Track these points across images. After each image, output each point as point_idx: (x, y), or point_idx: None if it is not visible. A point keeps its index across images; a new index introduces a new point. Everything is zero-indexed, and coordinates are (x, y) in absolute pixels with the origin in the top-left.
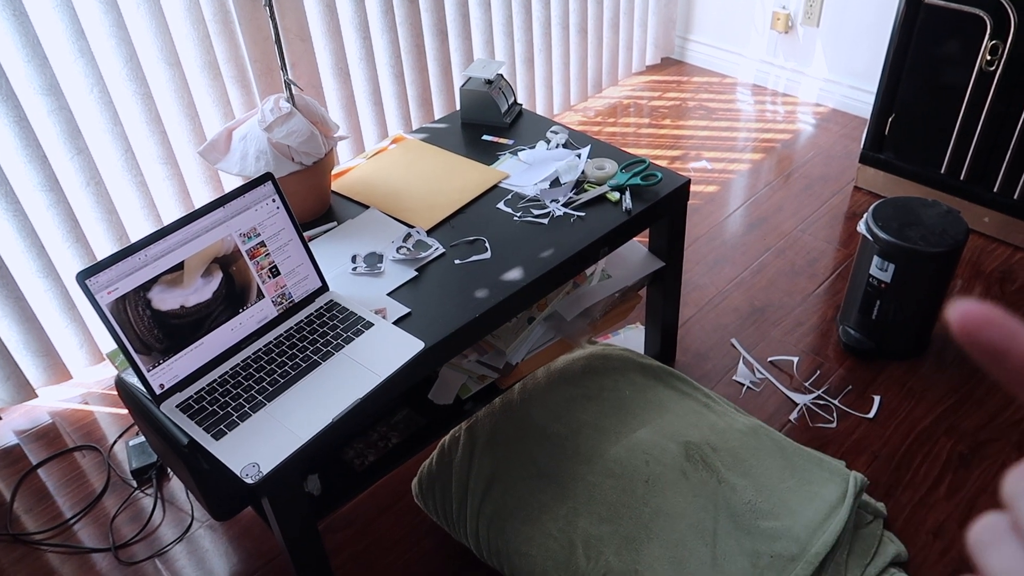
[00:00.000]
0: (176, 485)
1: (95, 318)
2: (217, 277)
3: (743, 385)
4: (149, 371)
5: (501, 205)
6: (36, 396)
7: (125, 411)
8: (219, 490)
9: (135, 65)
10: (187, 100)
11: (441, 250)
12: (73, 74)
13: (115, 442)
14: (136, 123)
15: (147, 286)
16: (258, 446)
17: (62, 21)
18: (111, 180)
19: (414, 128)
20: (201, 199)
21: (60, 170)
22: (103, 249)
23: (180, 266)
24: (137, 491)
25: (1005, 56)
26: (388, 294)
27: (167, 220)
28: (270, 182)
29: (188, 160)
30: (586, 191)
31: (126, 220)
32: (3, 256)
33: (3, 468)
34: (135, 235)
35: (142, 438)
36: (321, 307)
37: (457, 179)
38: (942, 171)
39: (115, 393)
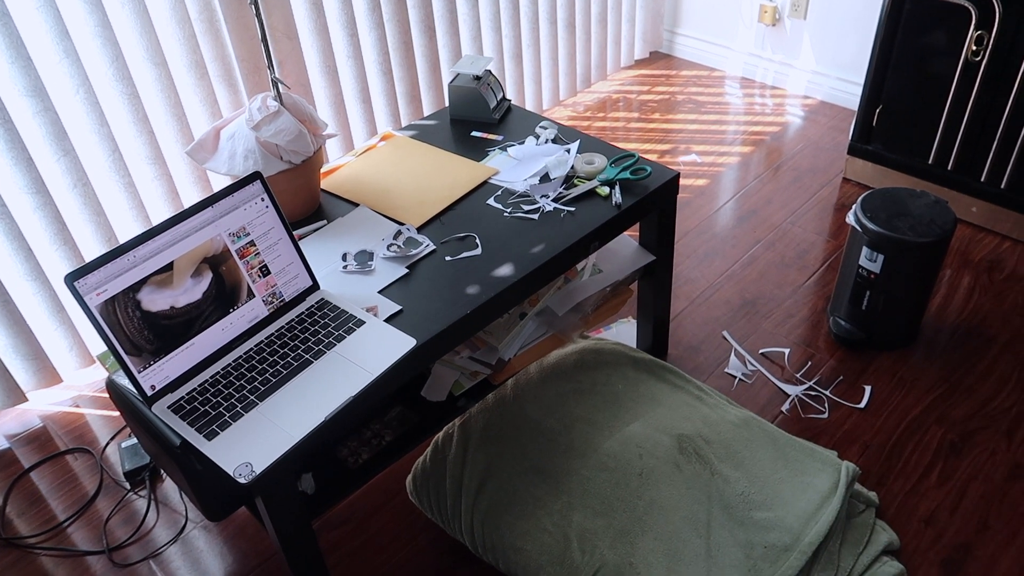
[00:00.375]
0: (169, 486)
1: (84, 320)
2: (207, 277)
3: (735, 377)
4: (140, 372)
5: (491, 201)
6: (26, 400)
7: (116, 413)
8: (212, 490)
9: (121, 65)
10: (174, 100)
11: (432, 247)
12: (58, 75)
13: (107, 444)
14: (123, 124)
15: (136, 287)
16: (251, 446)
17: (46, 22)
18: (98, 181)
19: (403, 125)
20: (189, 199)
21: (47, 172)
22: (91, 251)
23: (170, 267)
24: (130, 493)
25: (990, 46)
26: (379, 292)
27: (156, 221)
28: (259, 181)
29: (176, 160)
30: (576, 186)
31: (114, 221)
32: None
33: None
34: (123, 236)
35: (134, 440)
36: (312, 306)
37: (447, 176)
38: (930, 161)
39: (106, 395)
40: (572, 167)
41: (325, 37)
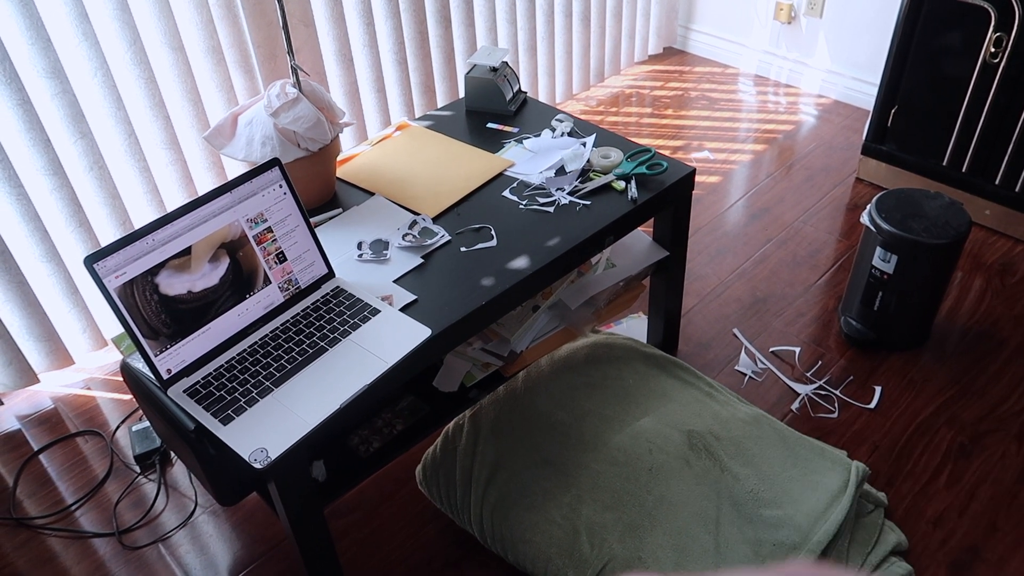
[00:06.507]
0: (179, 471)
1: (98, 303)
2: (224, 262)
3: (745, 375)
4: (156, 356)
5: (507, 193)
6: (38, 381)
7: (128, 396)
8: (225, 475)
9: (139, 49)
10: (190, 85)
11: (447, 237)
12: (76, 57)
13: (118, 427)
14: (139, 108)
15: (155, 271)
16: (266, 431)
17: (65, 4)
18: (114, 165)
19: (417, 115)
20: (204, 185)
21: (63, 154)
22: (106, 234)
23: (188, 251)
24: (140, 477)
25: (1009, 48)
26: (394, 281)
27: (170, 206)
28: (277, 168)
29: (191, 146)
30: (591, 180)
31: (129, 205)
32: (6, 240)
33: (5, 453)
34: (138, 220)
35: (145, 423)
36: (327, 293)
37: (462, 167)
38: (944, 163)
39: (118, 378)
40: (588, 161)
41: (341, 25)
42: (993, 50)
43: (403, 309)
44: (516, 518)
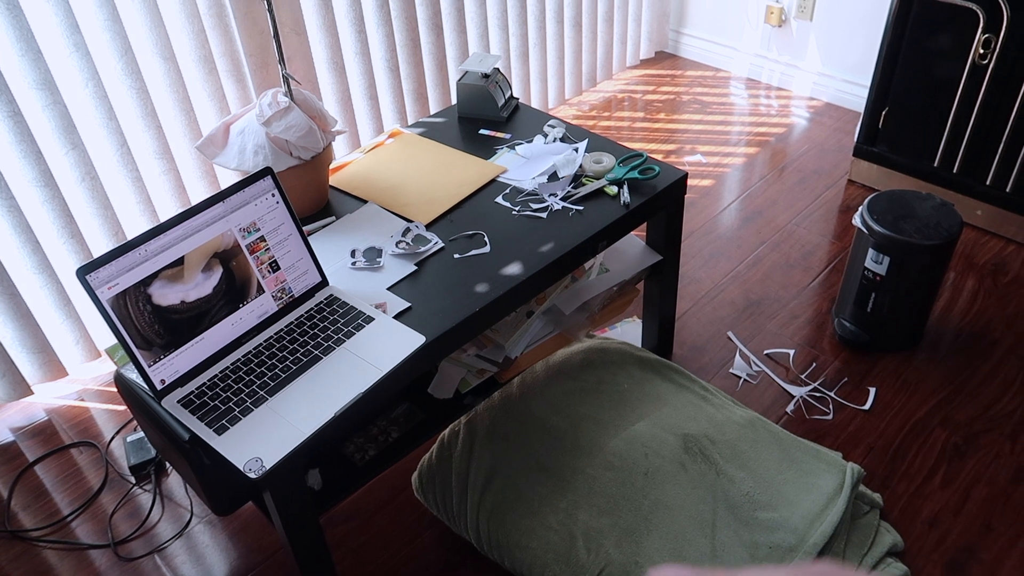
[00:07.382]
0: (174, 481)
1: (91, 314)
2: (217, 272)
3: (740, 378)
4: (150, 367)
5: (499, 199)
6: (32, 393)
7: (122, 407)
8: (221, 485)
9: (130, 59)
10: (182, 95)
11: (440, 244)
12: (68, 69)
13: (112, 438)
14: (131, 118)
15: (147, 281)
16: (260, 441)
17: (56, 15)
18: (106, 175)
19: (409, 123)
20: (197, 195)
21: (55, 165)
22: (99, 245)
23: (180, 261)
24: (135, 487)
25: (998, 50)
26: (388, 288)
27: (163, 216)
28: (269, 177)
29: (184, 155)
30: (584, 185)
31: (122, 216)
32: None
33: (0, 465)
34: (131, 231)
35: (139, 434)
36: (321, 302)
37: (455, 173)
38: (935, 164)
39: (111, 389)
40: (580, 166)
41: (333, 33)
42: (982, 51)
43: (397, 316)
44: (512, 524)
